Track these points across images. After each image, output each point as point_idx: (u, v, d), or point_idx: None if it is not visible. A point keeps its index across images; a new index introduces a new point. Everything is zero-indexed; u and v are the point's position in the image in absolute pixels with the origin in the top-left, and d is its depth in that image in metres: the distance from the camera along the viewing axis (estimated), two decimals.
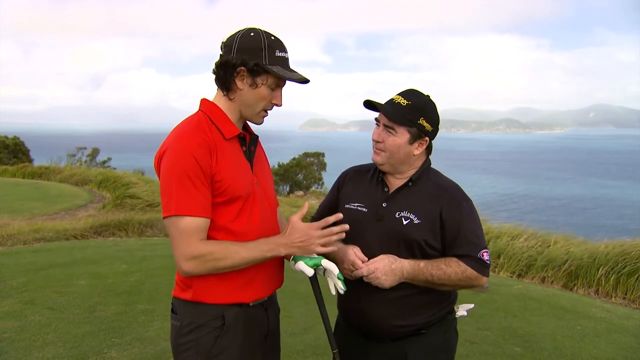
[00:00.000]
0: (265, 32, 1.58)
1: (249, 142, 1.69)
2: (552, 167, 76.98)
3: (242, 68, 1.55)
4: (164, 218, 1.54)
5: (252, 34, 1.57)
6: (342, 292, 1.69)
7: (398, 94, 1.77)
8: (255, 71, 1.56)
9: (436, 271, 1.68)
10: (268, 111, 1.66)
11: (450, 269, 1.68)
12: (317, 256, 1.66)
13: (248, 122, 1.73)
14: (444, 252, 1.75)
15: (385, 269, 1.67)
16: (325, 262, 1.66)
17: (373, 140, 1.80)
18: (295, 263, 1.66)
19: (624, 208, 35.83)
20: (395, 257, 1.70)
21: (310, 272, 1.65)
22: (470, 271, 1.69)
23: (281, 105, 1.65)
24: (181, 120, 1.64)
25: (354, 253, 1.73)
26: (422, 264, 1.69)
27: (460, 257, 1.71)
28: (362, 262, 1.71)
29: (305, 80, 1.60)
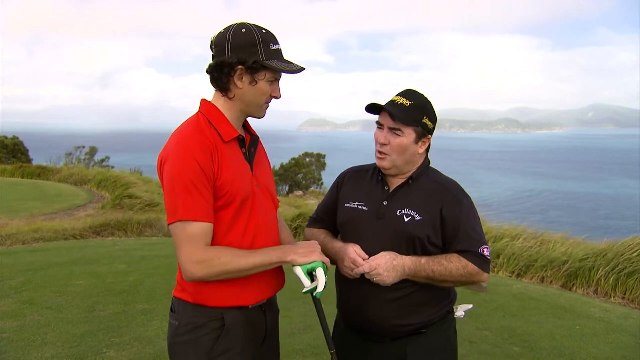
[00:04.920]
0: (255, 26, 1.56)
1: (249, 144, 1.69)
2: (563, 166, 76.44)
3: (241, 67, 1.54)
4: (169, 224, 1.53)
5: (243, 30, 1.54)
6: (304, 290, 1.64)
7: (398, 95, 1.78)
8: (254, 68, 1.54)
9: (437, 267, 1.67)
10: (269, 104, 1.66)
11: (451, 264, 1.68)
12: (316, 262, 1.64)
13: (249, 123, 1.73)
14: (444, 249, 1.75)
15: (387, 265, 1.66)
16: (320, 273, 1.63)
17: (379, 143, 1.78)
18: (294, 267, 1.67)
19: (632, 208, 35.35)
20: (397, 254, 1.70)
21: (307, 283, 1.63)
22: (471, 267, 1.69)
23: (280, 97, 1.65)
24: (182, 123, 1.63)
25: (355, 251, 1.73)
26: (423, 260, 1.69)
27: (461, 252, 1.71)
28: (363, 260, 1.71)
29: (302, 69, 1.59)
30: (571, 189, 48.10)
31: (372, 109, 1.79)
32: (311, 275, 1.65)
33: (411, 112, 1.73)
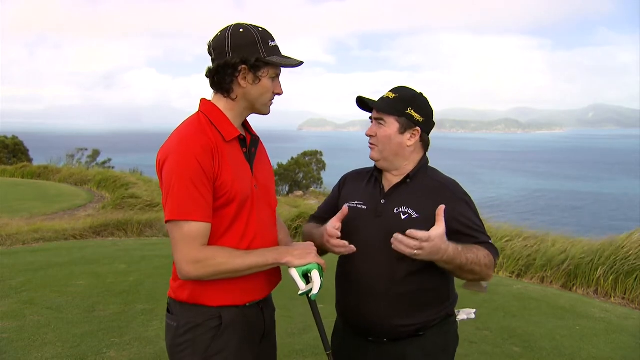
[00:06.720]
0: (252, 25, 1.58)
1: (249, 144, 1.69)
2: (565, 167, 76.07)
3: (244, 66, 1.55)
4: (166, 222, 1.53)
5: (241, 29, 1.56)
6: (299, 292, 1.65)
7: (389, 91, 1.83)
8: (257, 66, 1.56)
9: (470, 254, 1.66)
10: (273, 101, 1.68)
11: (480, 252, 1.69)
12: (312, 263, 1.65)
13: (249, 123, 1.73)
14: None
15: (437, 245, 1.58)
16: (315, 274, 1.64)
17: (367, 135, 1.84)
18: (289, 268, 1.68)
19: (634, 209, 35.09)
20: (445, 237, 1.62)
21: (301, 286, 1.64)
22: (491, 257, 1.71)
23: (282, 93, 1.67)
24: (182, 121, 1.63)
25: (330, 224, 1.76)
26: (460, 247, 1.65)
27: (479, 244, 1.73)
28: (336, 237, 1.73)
29: (301, 63, 1.62)
30: (573, 189, 48.02)
31: (362, 104, 1.85)
32: (307, 277, 1.65)
33: (393, 103, 1.78)
